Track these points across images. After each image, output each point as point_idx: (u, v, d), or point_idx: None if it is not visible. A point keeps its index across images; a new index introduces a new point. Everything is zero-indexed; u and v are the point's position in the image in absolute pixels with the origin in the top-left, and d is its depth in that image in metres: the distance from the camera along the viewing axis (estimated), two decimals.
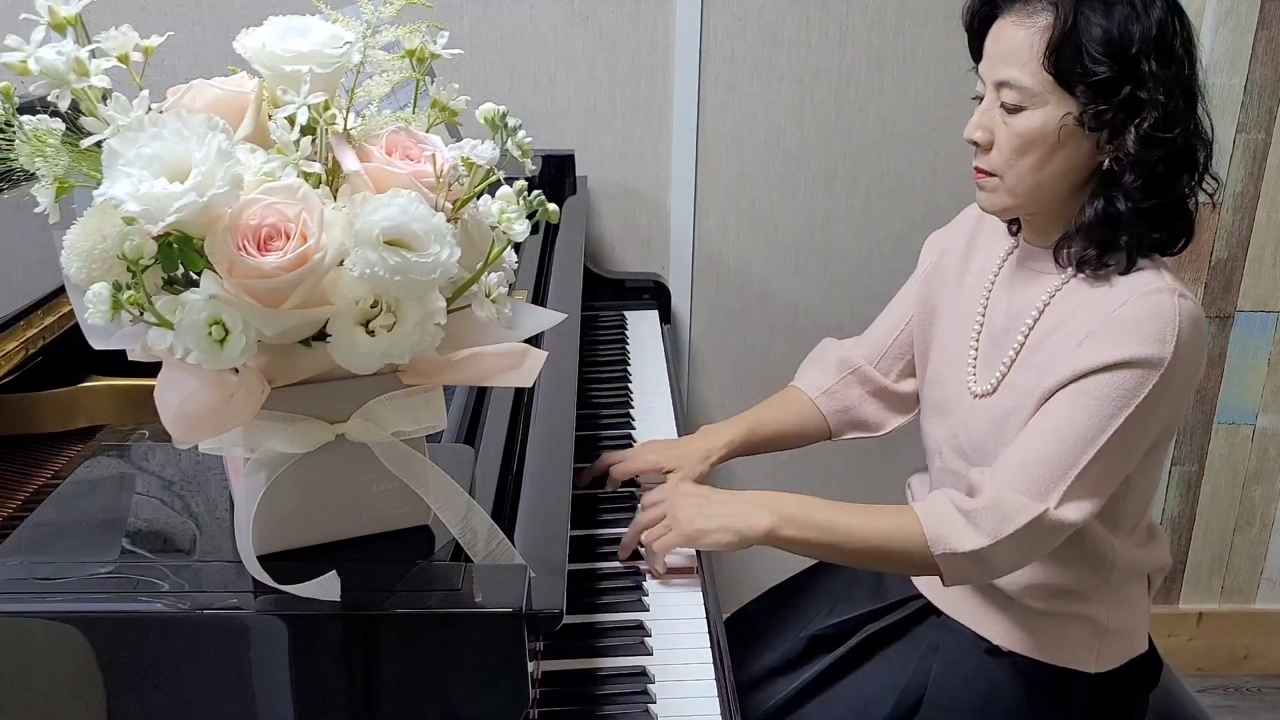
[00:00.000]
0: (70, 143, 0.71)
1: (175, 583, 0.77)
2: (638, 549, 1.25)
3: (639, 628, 1.15)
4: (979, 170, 1.17)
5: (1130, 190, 1.11)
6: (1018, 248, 1.27)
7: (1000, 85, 1.12)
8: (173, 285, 0.70)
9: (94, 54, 0.72)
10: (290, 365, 0.74)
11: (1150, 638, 1.33)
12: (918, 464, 1.47)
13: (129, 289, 0.66)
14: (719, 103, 1.99)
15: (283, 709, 0.76)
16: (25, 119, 0.71)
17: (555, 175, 1.93)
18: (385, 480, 0.80)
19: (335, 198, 0.72)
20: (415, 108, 0.81)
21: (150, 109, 0.70)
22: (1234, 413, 2.18)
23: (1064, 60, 1.08)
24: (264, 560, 0.74)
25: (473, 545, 0.80)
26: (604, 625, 1.15)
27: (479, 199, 0.78)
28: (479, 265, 0.76)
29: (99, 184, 0.66)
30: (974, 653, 1.27)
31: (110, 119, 0.69)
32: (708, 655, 1.12)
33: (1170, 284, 1.12)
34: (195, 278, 0.69)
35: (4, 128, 0.70)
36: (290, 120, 0.72)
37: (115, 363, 0.88)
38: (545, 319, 0.85)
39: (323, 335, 0.71)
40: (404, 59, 0.80)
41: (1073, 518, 1.11)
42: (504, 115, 0.78)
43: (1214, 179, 1.17)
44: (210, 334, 0.67)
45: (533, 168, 0.83)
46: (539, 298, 1.53)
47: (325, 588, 0.73)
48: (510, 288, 0.80)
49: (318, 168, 0.72)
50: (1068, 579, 1.23)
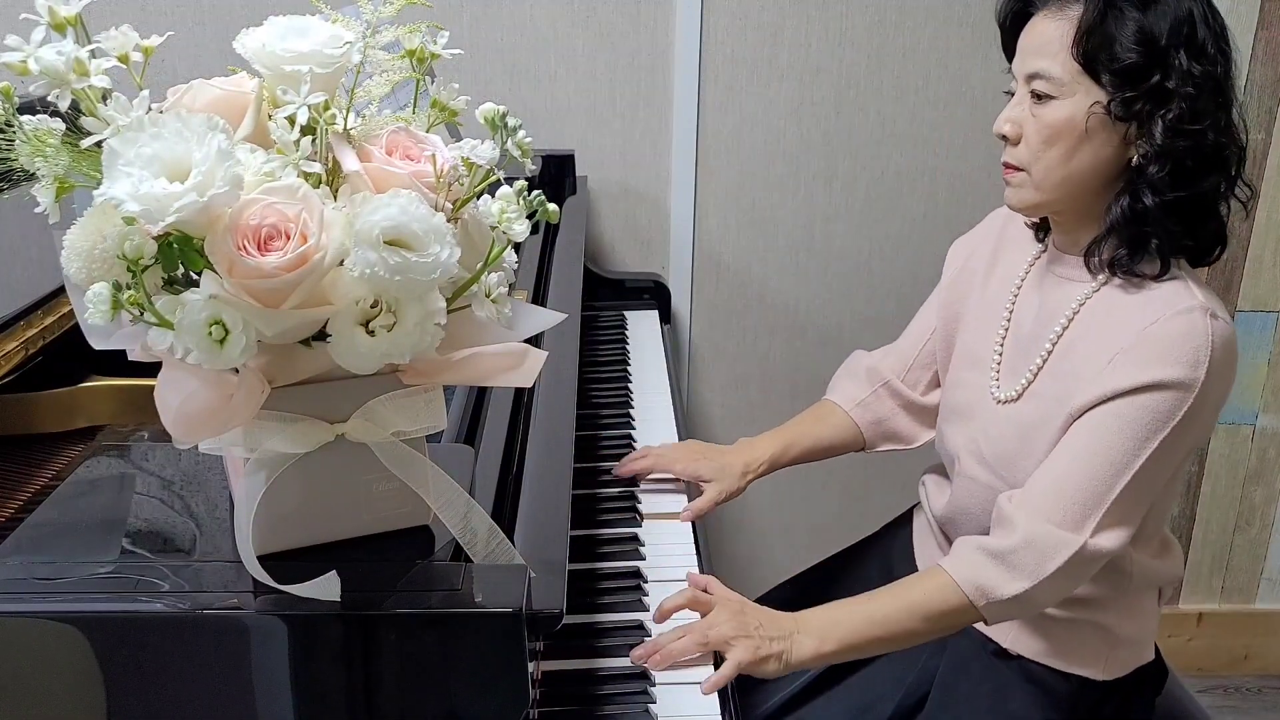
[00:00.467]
0: (70, 143, 0.71)
1: (175, 583, 0.77)
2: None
3: (639, 628, 1.15)
4: (1006, 165, 1.17)
5: (1156, 184, 1.09)
6: (1045, 251, 1.25)
7: (1031, 77, 1.12)
8: (173, 285, 0.70)
9: (94, 54, 0.72)
10: (290, 365, 0.74)
11: (1157, 647, 1.32)
12: (923, 462, 1.47)
13: (129, 289, 0.66)
14: (719, 102, 1.99)
15: (283, 709, 0.76)
16: (25, 119, 0.71)
17: (555, 175, 1.93)
18: (385, 480, 0.80)
19: (335, 198, 0.72)
20: (415, 108, 0.81)
21: (150, 109, 0.70)
22: (1234, 413, 2.18)
23: (1092, 48, 1.08)
24: (264, 560, 0.74)
25: (473, 545, 0.80)
26: (604, 625, 1.15)
27: (479, 199, 0.78)
28: (479, 265, 0.76)
29: (99, 184, 0.66)
30: (981, 654, 1.26)
31: (110, 119, 0.69)
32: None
33: (1203, 301, 1.10)
34: (195, 278, 0.69)
35: (4, 128, 0.70)
36: (290, 120, 0.72)
37: (115, 363, 0.88)
38: (545, 319, 0.85)
39: (323, 335, 0.71)
40: (404, 59, 0.80)
41: (1110, 546, 1.10)
42: (504, 115, 0.78)
43: (1248, 186, 1.15)
44: (210, 334, 0.67)
45: (533, 168, 0.83)
46: (539, 298, 1.53)
47: (325, 588, 0.73)
48: (510, 288, 0.80)
49: (318, 168, 0.72)
50: (1084, 589, 1.21)
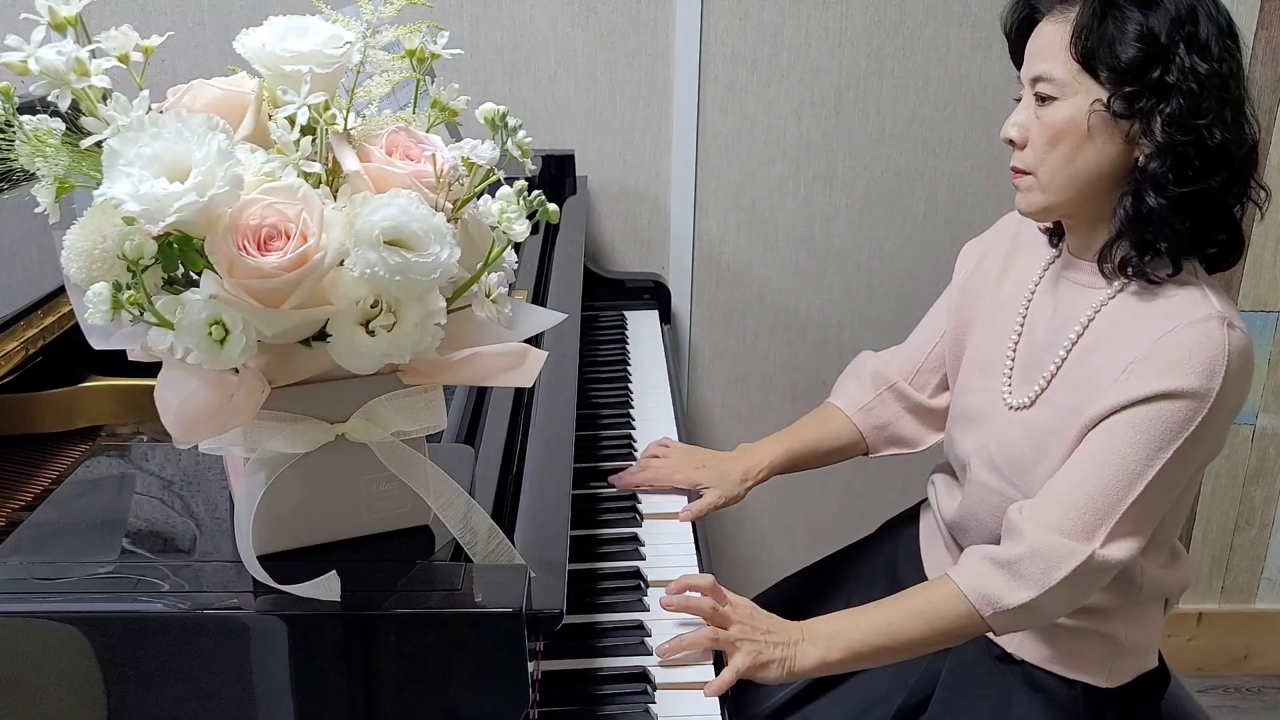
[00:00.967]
0: (70, 143, 0.71)
1: (175, 583, 0.77)
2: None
3: (639, 628, 1.15)
4: (1014, 170, 1.16)
5: (1159, 181, 1.08)
6: (1059, 256, 1.25)
7: (1035, 80, 1.13)
8: (173, 285, 0.70)
9: (94, 54, 0.72)
10: (290, 365, 0.74)
11: (1159, 651, 1.32)
12: (926, 462, 1.46)
13: (129, 289, 0.66)
14: (719, 102, 1.99)
15: (283, 709, 0.76)
16: (25, 119, 0.71)
17: (555, 175, 1.93)
18: (385, 480, 0.80)
19: (335, 198, 0.72)
20: (415, 108, 0.81)
21: (150, 109, 0.70)
22: None
23: (1090, 46, 1.08)
24: (264, 560, 0.74)
25: (473, 545, 0.80)
26: (604, 625, 1.15)
27: (479, 199, 0.78)
28: (479, 265, 0.76)
29: (99, 184, 0.66)
30: (985, 659, 1.26)
31: (110, 119, 0.69)
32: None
33: (1219, 310, 1.09)
34: (195, 278, 0.69)
35: (4, 128, 0.70)
36: (290, 120, 0.72)
37: (115, 363, 0.88)
38: (545, 319, 0.85)
39: (323, 335, 0.71)
40: (404, 59, 0.80)
41: (1120, 556, 1.09)
42: (504, 115, 0.78)
43: (1262, 188, 1.14)
44: (210, 334, 0.67)
45: (533, 168, 0.83)
46: (539, 298, 1.53)
47: (325, 588, 0.73)
48: (510, 288, 0.80)
49: (318, 168, 0.73)
50: (1093, 599, 1.20)
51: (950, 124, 2.01)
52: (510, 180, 0.78)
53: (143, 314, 0.67)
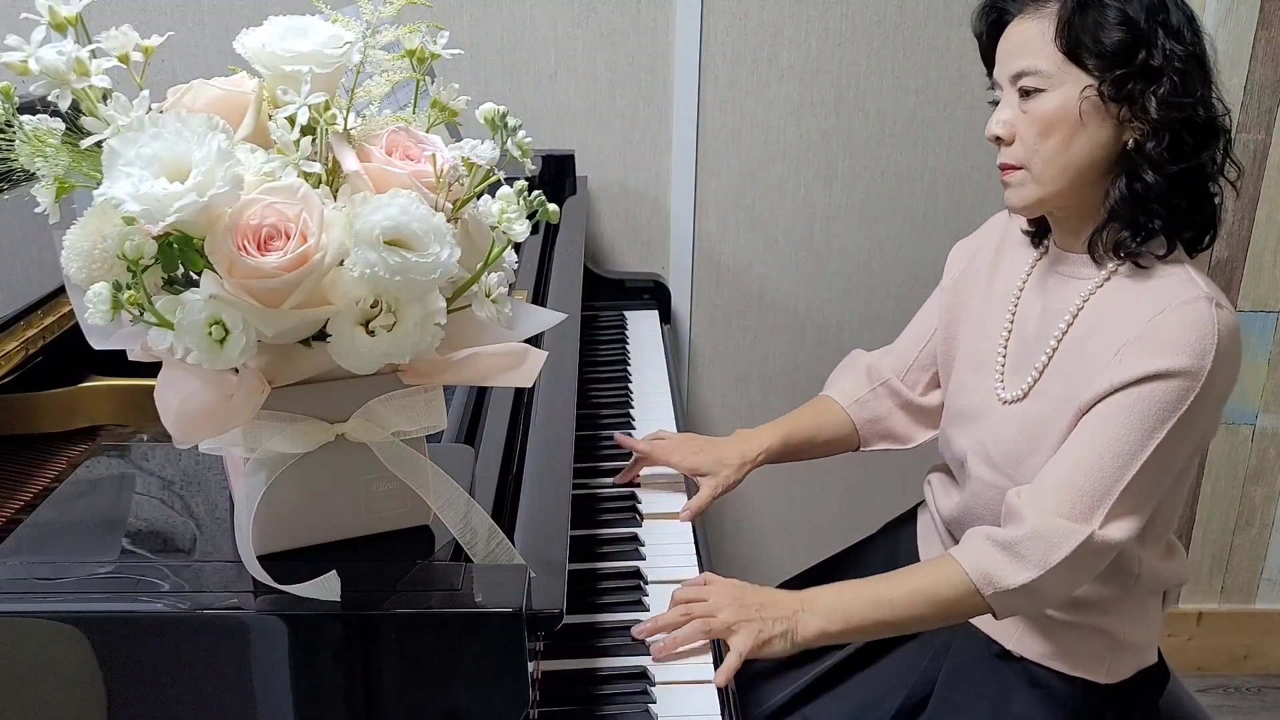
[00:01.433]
0: (70, 143, 0.71)
1: (175, 583, 0.77)
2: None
3: None
4: (1004, 166, 1.17)
5: (1156, 159, 1.10)
6: (1047, 253, 1.26)
7: (1017, 77, 1.14)
8: (173, 285, 0.70)
9: (94, 54, 0.72)
10: (290, 365, 0.74)
11: (1159, 647, 1.32)
12: (923, 462, 1.47)
13: (129, 289, 0.66)
14: (719, 102, 1.99)
15: (283, 709, 0.76)
16: (25, 119, 0.71)
17: (555, 175, 1.93)
18: (385, 480, 0.80)
19: (335, 198, 0.72)
20: (415, 108, 0.81)
21: (150, 109, 0.70)
22: (1234, 413, 2.18)
23: (1074, 36, 1.10)
24: (264, 560, 0.74)
25: (473, 545, 0.80)
26: (604, 625, 1.15)
27: (479, 199, 0.78)
28: (479, 265, 0.76)
29: (99, 184, 0.66)
30: (985, 656, 1.26)
31: (110, 119, 0.69)
32: (708, 655, 1.12)
33: (1206, 291, 1.10)
34: (195, 278, 0.69)
35: (4, 128, 0.70)
36: (290, 120, 0.72)
37: (115, 363, 0.88)
38: (545, 319, 0.85)
39: (323, 335, 0.71)
40: (404, 59, 0.80)
41: (1118, 537, 1.10)
42: (504, 115, 0.78)
43: (1236, 165, 1.16)
44: (210, 334, 0.67)
45: (533, 168, 0.83)
46: (539, 298, 1.53)
47: (325, 588, 0.73)
48: (510, 288, 0.80)
49: (318, 168, 0.72)
50: (1090, 591, 1.21)
51: (950, 124, 2.01)
52: (510, 180, 0.78)
53: (143, 314, 0.67)
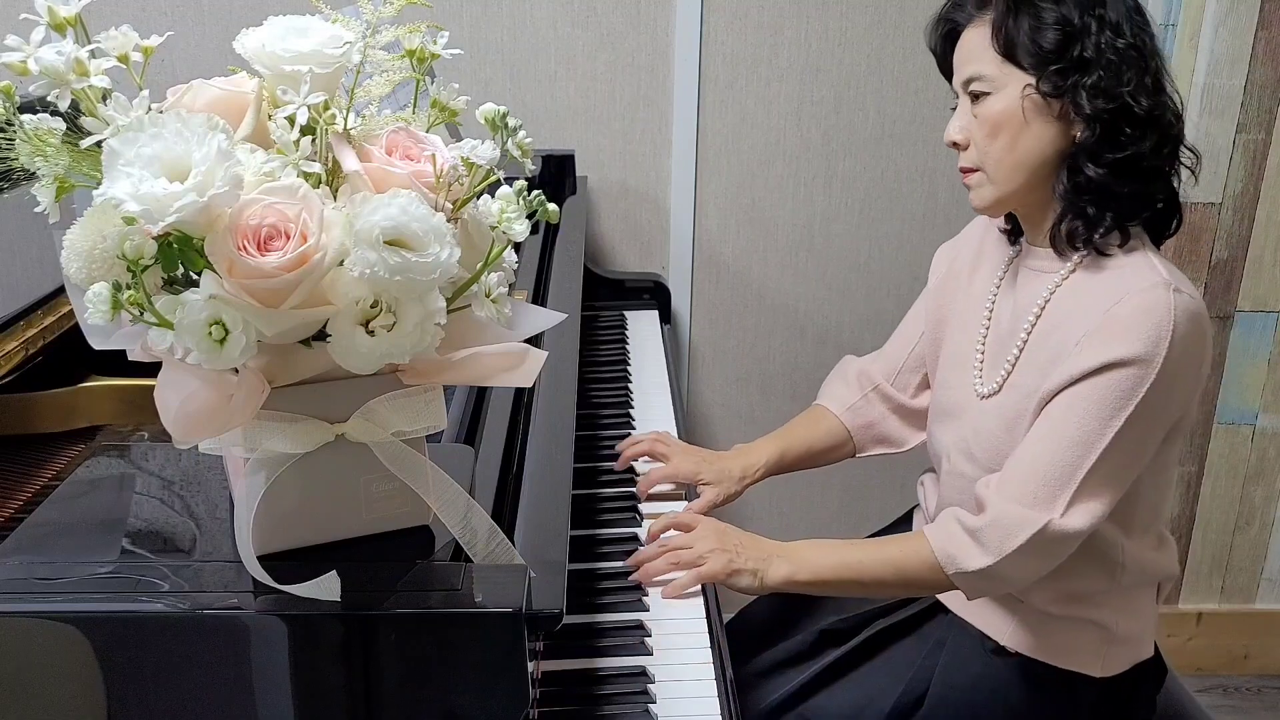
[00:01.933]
0: (70, 143, 0.71)
1: (175, 583, 0.77)
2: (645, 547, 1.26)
3: (639, 628, 1.15)
4: (963, 170, 1.21)
5: (1094, 150, 1.13)
6: (1021, 250, 1.28)
7: (967, 83, 1.18)
8: (173, 285, 0.70)
9: (94, 54, 0.72)
10: (290, 365, 0.74)
11: (1155, 642, 1.33)
12: (924, 463, 1.47)
13: (129, 289, 0.66)
14: (719, 102, 1.99)
15: (283, 709, 0.76)
16: (25, 119, 0.71)
17: (555, 175, 1.93)
18: (385, 480, 0.80)
19: (335, 198, 0.72)
20: (415, 108, 0.81)
21: (150, 109, 0.70)
22: (1234, 413, 2.18)
23: (1009, 37, 1.13)
24: (264, 560, 0.74)
25: (473, 545, 0.80)
26: (604, 625, 1.15)
27: (479, 199, 0.78)
28: (479, 265, 0.76)
29: (99, 184, 0.66)
30: (980, 652, 1.28)
31: (110, 119, 0.69)
32: (708, 655, 1.12)
33: (1165, 277, 1.12)
34: (195, 278, 0.69)
35: (4, 127, 0.70)
36: (290, 120, 0.72)
37: (115, 363, 0.88)
38: (545, 319, 0.85)
39: (323, 335, 0.71)
40: (404, 59, 0.80)
41: (1079, 525, 1.12)
42: (504, 115, 0.78)
43: (1192, 152, 1.18)
44: (210, 334, 0.67)
45: (533, 168, 0.83)
46: (539, 298, 1.53)
47: (325, 588, 0.73)
48: (510, 288, 0.80)
49: (318, 168, 0.72)
50: (1077, 582, 1.23)
51: None
52: (510, 180, 0.78)
53: (143, 314, 0.67)
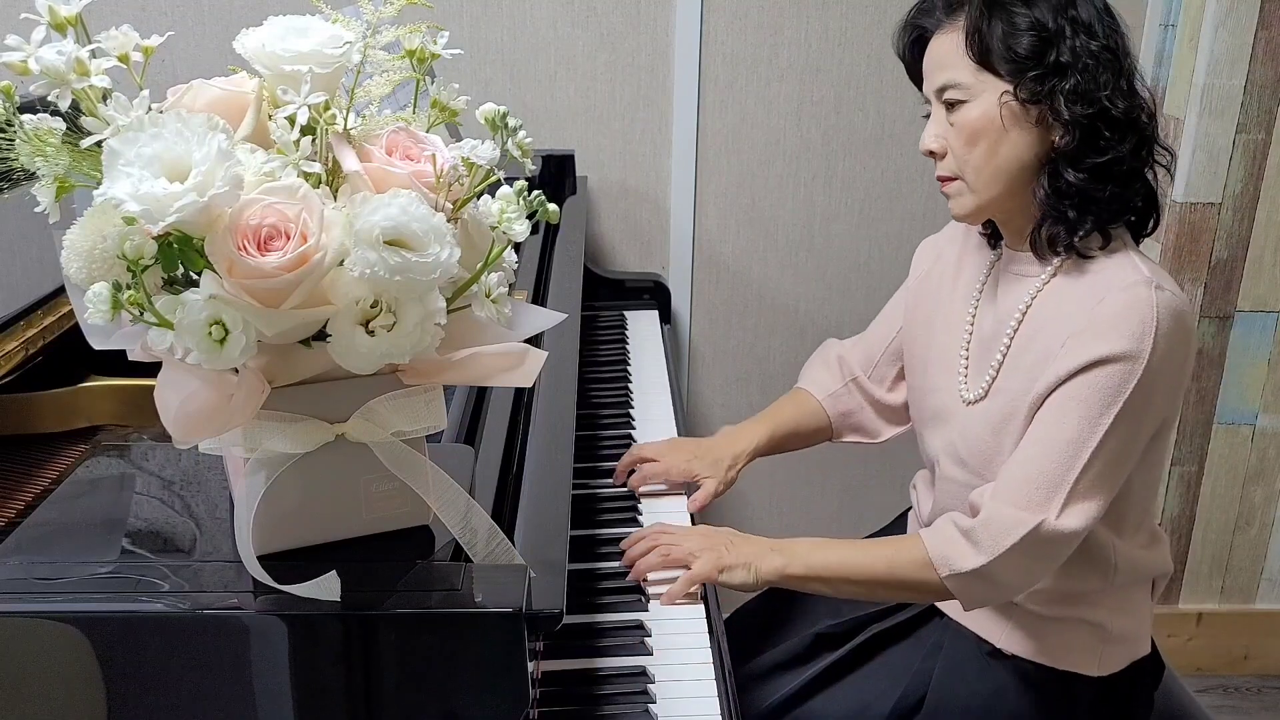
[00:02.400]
0: (70, 143, 0.71)
1: (175, 583, 0.77)
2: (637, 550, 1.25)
3: (639, 628, 1.15)
4: (941, 178, 1.20)
5: (1072, 155, 1.13)
6: (1001, 256, 1.28)
7: (941, 91, 1.17)
8: (173, 285, 0.70)
9: (94, 54, 0.72)
10: (290, 365, 0.74)
11: (1152, 639, 1.33)
12: (918, 463, 1.47)
13: (129, 289, 0.66)
14: (719, 102, 1.99)
15: (283, 709, 0.76)
16: (25, 119, 0.71)
17: (555, 175, 1.93)
18: (385, 480, 0.80)
19: (335, 198, 0.72)
20: (415, 108, 0.81)
21: (150, 109, 0.70)
22: (1234, 413, 2.18)
23: (984, 45, 1.13)
24: (264, 560, 0.74)
25: (473, 545, 0.80)
26: (604, 625, 1.15)
27: (479, 199, 0.78)
28: (479, 265, 0.76)
29: (99, 184, 0.66)
30: (977, 655, 1.28)
31: (110, 119, 0.69)
32: (708, 655, 1.12)
33: (1147, 275, 1.12)
34: (195, 278, 0.69)
35: (4, 127, 0.70)
36: (290, 120, 0.72)
37: (115, 363, 0.88)
38: (545, 319, 0.85)
39: (323, 335, 0.71)
40: (404, 59, 0.80)
41: (1075, 525, 1.12)
42: (504, 115, 0.78)
43: (1166, 150, 1.18)
44: (210, 334, 0.67)
45: (533, 168, 0.83)
46: (539, 298, 1.53)
47: (325, 588, 0.73)
48: (510, 288, 0.80)
49: (318, 168, 0.72)
50: (1070, 583, 1.23)
51: None
52: (510, 180, 0.78)
53: (143, 314, 0.67)
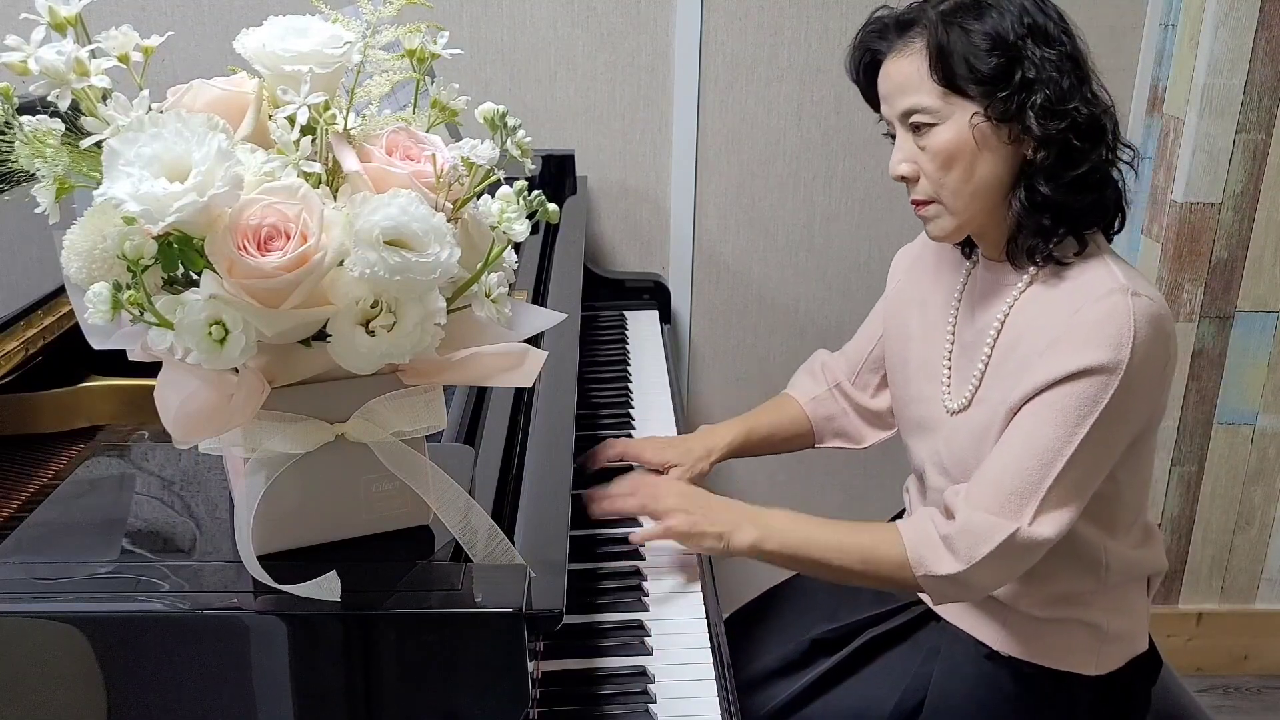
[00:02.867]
0: (70, 143, 0.71)
1: (175, 583, 0.77)
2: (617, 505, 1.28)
3: (639, 628, 1.15)
4: (916, 202, 1.20)
5: (1047, 169, 1.12)
6: (978, 264, 1.28)
7: (906, 115, 1.16)
8: (173, 285, 0.70)
9: (94, 54, 0.72)
10: (290, 365, 0.74)
11: (1150, 636, 1.33)
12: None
13: (129, 289, 0.66)
14: (719, 102, 1.99)
15: (283, 709, 0.76)
16: (25, 119, 0.71)
17: (555, 175, 1.93)
18: (385, 480, 0.80)
19: (335, 198, 0.72)
20: (415, 108, 0.81)
21: (150, 109, 0.70)
22: (1234, 413, 2.18)
23: (949, 68, 1.12)
24: (264, 560, 0.74)
25: (473, 545, 0.80)
26: (604, 625, 1.15)
27: (479, 199, 0.78)
28: (479, 265, 0.76)
29: (99, 184, 0.66)
30: (974, 657, 1.27)
31: (110, 119, 0.69)
32: (708, 655, 1.12)
33: (1123, 282, 1.11)
34: (195, 278, 0.69)
35: (4, 128, 0.70)
36: (290, 120, 0.72)
37: (115, 363, 0.88)
38: (545, 319, 0.85)
39: (323, 335, 0.71)
40: (404, 59, 0.80)
41: (1047, 533, 1.12)
42: (504, 115, 0.78)
43: (1128, 147, 1.18)
44: (210, 334, 0.67)
45: (533, 168, 0.83)
46: (539, 298, 1.53)
47: (325, 588, 0.73)
48: (510, 288, 0.80)
49: (318, 168, 0.72)
50: (1063, 585, 1.23)
51: None
52: (510, 180, 0.78)
53: (143, 314, 0.67)
